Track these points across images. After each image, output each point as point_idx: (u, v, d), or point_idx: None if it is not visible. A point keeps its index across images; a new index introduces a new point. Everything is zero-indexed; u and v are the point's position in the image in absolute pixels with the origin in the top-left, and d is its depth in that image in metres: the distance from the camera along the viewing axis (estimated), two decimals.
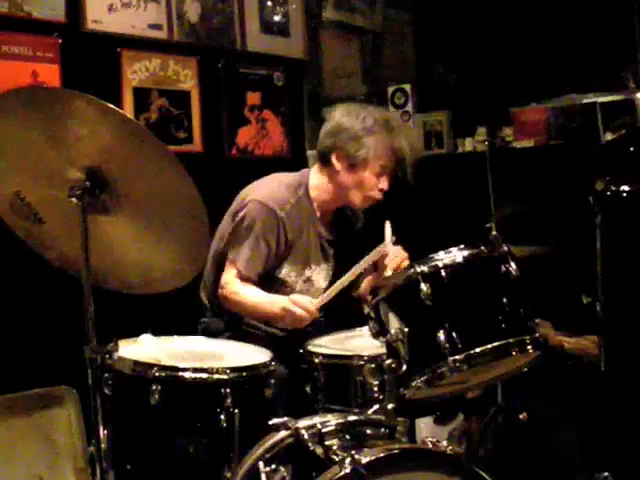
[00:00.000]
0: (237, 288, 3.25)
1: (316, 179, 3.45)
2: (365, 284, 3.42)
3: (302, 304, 3.06)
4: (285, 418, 2.42)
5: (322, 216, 3.48)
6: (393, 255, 3.19)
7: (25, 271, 3.37)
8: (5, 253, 3.30)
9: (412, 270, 2.41)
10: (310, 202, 3.43)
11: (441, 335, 2.33)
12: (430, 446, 2.29)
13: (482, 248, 2.45)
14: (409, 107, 5.50)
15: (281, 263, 3.37)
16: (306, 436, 2.33)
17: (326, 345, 3.05)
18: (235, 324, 3.37)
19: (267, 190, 3.37)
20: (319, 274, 3.49)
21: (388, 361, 2.42)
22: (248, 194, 3.37)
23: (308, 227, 3.42)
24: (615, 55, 4.71)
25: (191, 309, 3.40)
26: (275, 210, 3.29)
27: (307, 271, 3.44)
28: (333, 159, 3.36)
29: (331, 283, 3.34)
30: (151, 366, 2.54)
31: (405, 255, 3.22)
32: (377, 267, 3.30)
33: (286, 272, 3.39)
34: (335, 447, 2.30)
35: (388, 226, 3.23)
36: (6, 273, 3.60)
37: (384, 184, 3.38)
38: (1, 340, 3.54)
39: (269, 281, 3.35)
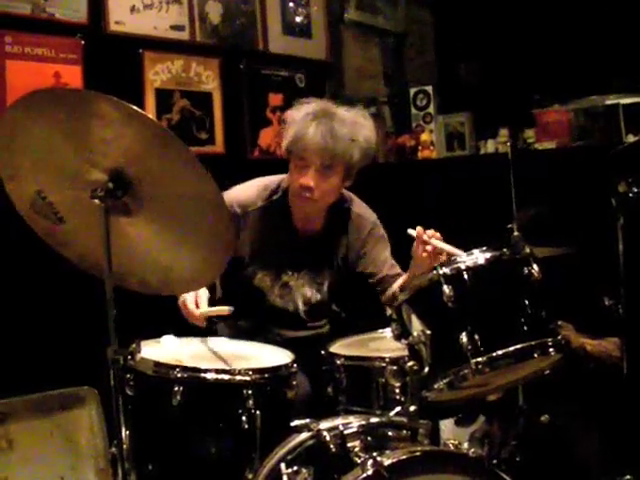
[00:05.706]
0: None
1: None
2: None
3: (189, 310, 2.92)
4: (307, 420, 2.43)
5: (304, 219, 3.31)
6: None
7: (47, 272, 3.38)
8: (27, 254, 3.31)
9: (434, 272, 2.41)
10: (287, 206, 3.29)
11: (463, 337, 2.33)
12: (452, 448, 2.29)
13: (504, 250, 2.44)
14: (431, 109, 5.51)
15: (251, 268, 3.27)
16: (328, 438, 2.33)
17: (348, 347, 3.05)
18: (255, 324, 3.36)
19: (236, 191, 3.30)
20: (300, 280, 3.33)
21: (410, 363, 2.42)
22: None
23: (281, 231, 3.28)
24: (638, 56, 4.68)
25: None
26: (233, 206, 3.17)
27: (284, 276, 3.31)
28: None
29: (328, 291, 3.35)
30: (173, 367, 2.54)
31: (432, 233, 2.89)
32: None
33: (260, 278, 3.28)
34: (357, 449, 2.31)
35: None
36: (28, 274, 3.62)
37: (304, 178, 3.11)
38: (24, 341, 3.56)
39: (246, 289, 3.29)
